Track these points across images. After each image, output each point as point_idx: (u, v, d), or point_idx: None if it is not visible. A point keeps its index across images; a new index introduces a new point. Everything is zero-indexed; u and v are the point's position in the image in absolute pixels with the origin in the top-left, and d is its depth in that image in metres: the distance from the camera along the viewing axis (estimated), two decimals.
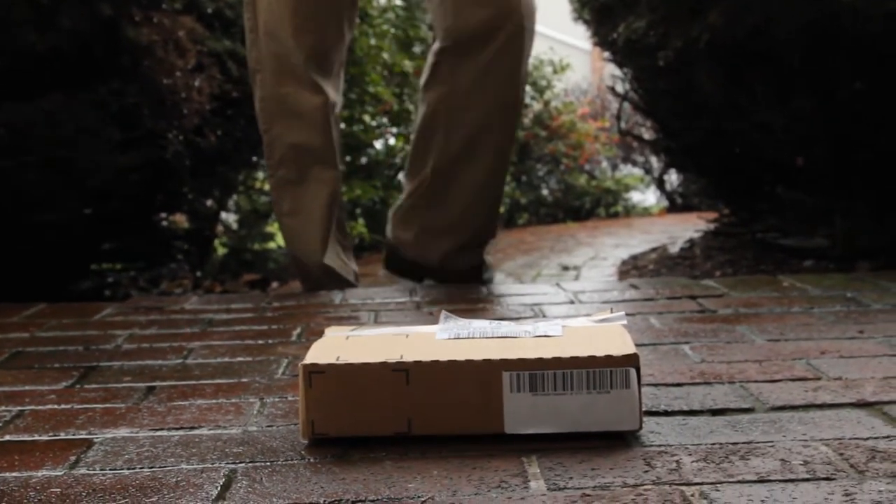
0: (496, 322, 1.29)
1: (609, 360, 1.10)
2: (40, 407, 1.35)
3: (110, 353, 1.68)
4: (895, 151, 2.75)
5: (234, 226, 4.39)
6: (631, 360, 1.11)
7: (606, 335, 1.19)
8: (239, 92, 3.07)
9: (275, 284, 3.60)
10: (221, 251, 3.99)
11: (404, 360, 1.12)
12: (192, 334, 1.84)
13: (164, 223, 3.50)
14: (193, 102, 2.86)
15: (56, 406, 1.35)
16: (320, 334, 1.30)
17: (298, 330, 1.84)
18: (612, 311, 1.31)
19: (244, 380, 1.47)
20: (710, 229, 3.83)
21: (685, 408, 1.24)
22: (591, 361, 1.10)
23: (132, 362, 1.61)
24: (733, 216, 3.73)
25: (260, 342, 1.74)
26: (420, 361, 1.11)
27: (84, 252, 3.00)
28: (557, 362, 1.10)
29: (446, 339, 1.20)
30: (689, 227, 4.22)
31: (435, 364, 1.11)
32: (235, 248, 3.92)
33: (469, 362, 1.11)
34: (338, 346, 1.19)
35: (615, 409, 1.11)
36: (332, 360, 1.13)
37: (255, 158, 3.88)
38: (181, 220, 3.72)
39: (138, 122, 2.75)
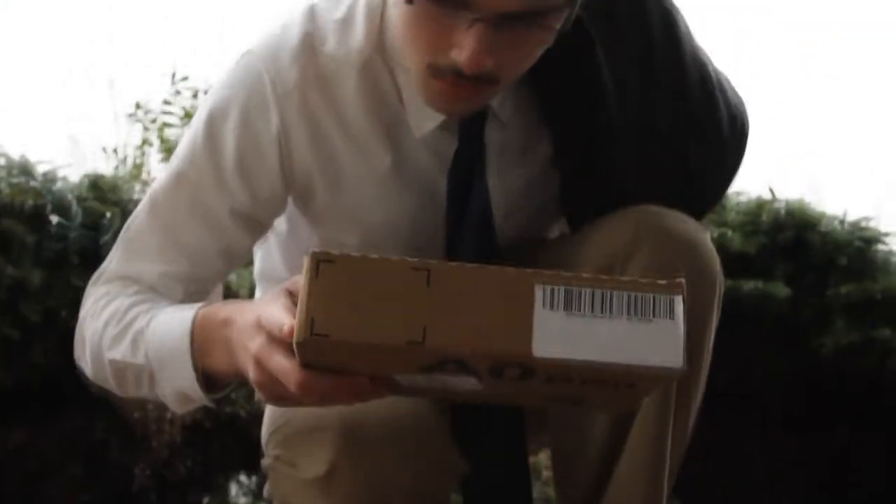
0: None
1: (654, 286, 0.95)
2: None
3: None
4: (884, 493, 2.71)
5: None
6: (677, 288, 0.96)
7: None
8: (211, 423, 3.01)
9: None
10: None
11: (426, 260, 0.95)
12: None
13: None
14: (164, 434, 2.80)
15: None
16: None
17: None
18: None
19: None
20: None
21: None
22: (634, 284, 0.95)
23: None
24: None
25: None
26: (444, 262, 0.98)
27: None
28: (597, 281, 0.95)
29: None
30: None
31: (460, 268, 0.95)
32: None
33: (499, 270, 0.95)
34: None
35: (657, 342, 0.94)
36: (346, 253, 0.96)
37: (225, 482, 3.78)
38: None
39: (104, 457, 2.68)
